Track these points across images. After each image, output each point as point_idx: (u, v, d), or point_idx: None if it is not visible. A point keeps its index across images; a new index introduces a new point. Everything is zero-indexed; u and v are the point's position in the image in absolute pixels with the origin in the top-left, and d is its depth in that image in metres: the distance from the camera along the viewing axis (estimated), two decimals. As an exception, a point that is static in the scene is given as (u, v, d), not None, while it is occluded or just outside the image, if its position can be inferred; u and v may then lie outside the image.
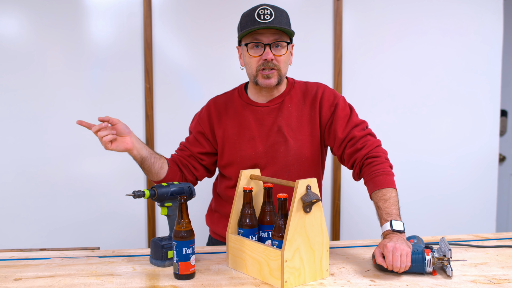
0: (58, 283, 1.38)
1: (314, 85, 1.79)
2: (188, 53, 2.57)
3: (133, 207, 2.56)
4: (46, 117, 2.48)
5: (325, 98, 1.73)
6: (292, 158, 1.72)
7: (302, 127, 1.73)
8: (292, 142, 1.72)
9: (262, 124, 1.74)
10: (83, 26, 2.47)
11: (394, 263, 1.38)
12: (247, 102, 1.76)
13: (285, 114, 1.73)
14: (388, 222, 1.49)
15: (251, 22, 1.61)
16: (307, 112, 1.74)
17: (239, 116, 1.75)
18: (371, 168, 1.61)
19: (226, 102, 1.80)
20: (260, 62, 1.64)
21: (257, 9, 1.61)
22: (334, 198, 2.69)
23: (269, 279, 1.37)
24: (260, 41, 1.62)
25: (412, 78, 2.71)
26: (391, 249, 1.39)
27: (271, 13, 1.60)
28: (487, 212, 2.84)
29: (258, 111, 1.74)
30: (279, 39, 1.63)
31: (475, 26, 2.73)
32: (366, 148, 1.65)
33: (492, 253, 1.64)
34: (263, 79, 1.66)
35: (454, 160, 2.78)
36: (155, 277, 1.42)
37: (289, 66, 1.73)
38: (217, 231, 1.86)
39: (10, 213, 2.49)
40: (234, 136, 1.75)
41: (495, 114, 2.80)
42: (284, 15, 1.65)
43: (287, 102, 1.74)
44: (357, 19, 2.65)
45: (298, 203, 1.33)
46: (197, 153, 1.80)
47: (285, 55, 1.65)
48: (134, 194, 1.49)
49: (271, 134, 1.73)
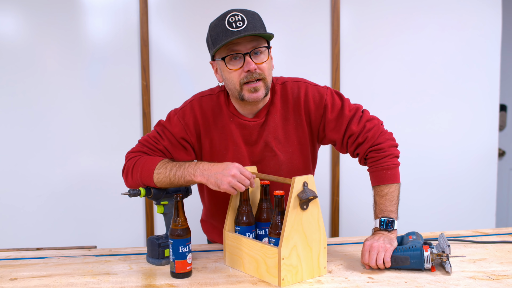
0: (54, 282, 1.37)
1: (294, 85, 1.61)
2: (185, 50, 2.56)
3: (131, 206, 2.55)
4: (41, 116, 2.46)
5: (310, 100, 1.59)
6: (284, 171, 1.63)
7: (289, 137, 1.62)
8: (282, 155, 1.62)
9: (249, 140, 1.61)
10: (79, 24, 2.46)
11: (370, 262, 1.43)
12: (234, 114, 1.60)
13: (271, 127, 1.60)
14: (378, 219, 1.51)
15: (223, 33, 1.44)
16: (292, 119, 1.61)
17: (226, 129, 1.60)
18: (373, 162, 1.56)
19: (213, 108, 1.61)
20: (243, 75, 1.46)
21: (227, 17, 1.45)
22: (333, 194, 2.68)
23: (266, 277, 1.36)
24: (237, 51, 1.46)
25: (410, 73, 2.69)
26: (367, 248, 1.45)
27: (242, 19, 1.44)
28: (486, 207, 2.83)
29: (245, 126, 1.60)
30: (258, 45, 1.47)
31: (473, 21, 2.71)
32: (367, 141, 1.56)
33: (491, 249, 1.63)
34: (249, 94, 1.48)
35: (453, 155, 2.76)
36: (151, 276, 1.42)
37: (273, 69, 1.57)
38: (214, 239, 1.83)
39: (7, 212, 2.48)
40: (222, 149, 1.61)
41: (494, 109, 2.78)
42: (256, 18, 1.48)
43: (272, 113, 1.60)
44: (354, 14, 2.63)
45: (295, 200, 1.32)
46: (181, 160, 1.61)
47: (267, 61, 1.49)
48: (130, 193, 1.48)
49: (258, 149, 1.61)
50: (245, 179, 1.41)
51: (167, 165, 1.50)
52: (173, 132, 1.59)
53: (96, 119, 2.50)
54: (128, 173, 1.57)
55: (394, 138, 1.61)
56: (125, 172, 1.59)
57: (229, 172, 1.40)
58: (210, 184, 1.42)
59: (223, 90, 1.63)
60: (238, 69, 1.47)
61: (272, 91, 1.61)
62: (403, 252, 1.43)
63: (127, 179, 1.58)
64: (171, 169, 1.48)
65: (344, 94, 1.68)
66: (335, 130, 1.59)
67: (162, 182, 1.49)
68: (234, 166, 1.41)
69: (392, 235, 1.48)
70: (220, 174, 1.40)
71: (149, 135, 1.63)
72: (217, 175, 1.40)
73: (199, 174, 1.44)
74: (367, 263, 1.44)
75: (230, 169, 1.40)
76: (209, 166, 1.44)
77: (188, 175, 1.46)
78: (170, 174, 1.48)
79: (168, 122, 1.62)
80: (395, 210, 1.52)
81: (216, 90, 1.65)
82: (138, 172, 1.53)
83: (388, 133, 1.61)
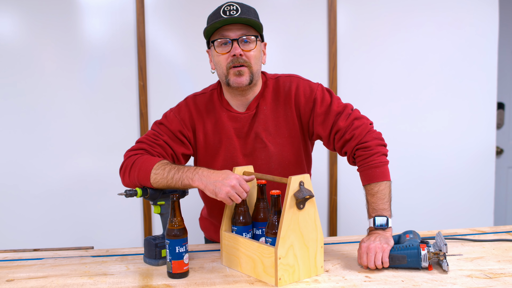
0: (50, 283, 1.37)
1: (287, 79, 1.67)
2: (182, 49, 2.55)
3: (128, 206, 2.54)
4: (39, 116, 2.46)
5: (300, 94, 1.63)
6: (275, 163, 1.66)
7: (279, 129, 1.65)
8: (272, 146, 1.65)
9: (240, 132, 1.65)
10: (76, 24, 2.45)
11: (368, 263, 1.42)
12: (227, 108, 1.66)
13: (261, 118, 1.64)
14: (372, 218, 1.50)
15: (216, 17, 1.55)
16: (282, 112, 1.65)
17: (219, 123, 1.66)
18: (361, 161, 1.55)
19: (206, 104, 1.68)
20: (229, 59, 1.54)
21: (223, 7, 1.55)
22: (330, 193, 2.68)
23: (263, 276, 1.36)
24: (227, 36, 1.54)
25: (407, 71, 2.69)
26: (365, 250, 1.44)
27: (237, 8, 1.54)
28: (484, 205, 2.83)
29: (237, 119, 1.65)
30: (247, 33, 1.55)
31: (470, 19, 2.71)
32: (354, 139, 1.56)
33: (488, 247, 1.63)
34: (234, 77, 1.55)
35: (451, 154, 2.76)
36: (148, 276, 1.41)
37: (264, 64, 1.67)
38: (211, 237, 1.84)
39: (4, 213, 2.48)
40: (216, 143, 1.66)
41: (492, 107, 2.79)
42: (251, 11, 1.58)
43: (261, 105, 1.65)
44: (351, 13, 2.63)
45: (291, 199, 1.32)
46: (180, 153, 1.66)
47: (255, 49, 1.56)
48: (126, 194, 1.47)
49: (248, 141, 1.65)
50: (243, 191, 1.41)
51: (166, 166, 1.49)
52: (170, 127, 1.64)
53: (93, 120, 2.50)
54: (125, 172, 1.57)
55: (382, 138, 1.61)
56: (123, 171, 1.58)
57: (229, 182, 1.39)
58: (208, 191, 1.41)
59: (215, 88, 1.70)
60: (225, 54, 1.55)
61: (264, 85, 1.67)
62: (400, 251, 1.43)
63: (124, 178, 1.58)
64: (170, 171, 1.48)
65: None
66: (323, 124, 1.62)
67: (158, 183, 1.48)
68: (234, 178, 1.41)
69: (387, 233, 1.48)
70: (219, 183, 1.40)
71: (147, 133, 1.66)
72: (216, 183, 1.40)
73: (197, 179, 1.43)
74: (365, 265, 1.43)
75: (230, 180, 1.40)
76: (208, 173, 1.44)
77: (186, 179, 1.45)
78: (168, 176, 1.47)
79: (165, 119, 1.67)
80: (387, 208, 1.51)
81: (209, 88, 1.73)
82: (135, 171, 1.52)
83: (376, 133, 1.60)
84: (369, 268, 1.44)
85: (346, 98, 1.85)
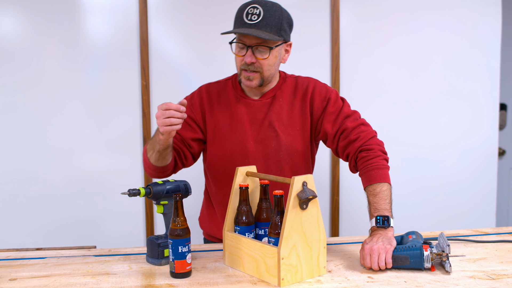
0: (53, 283, 1.37)
1: (305, 79, 1.77)
2: (185, 49, 2.55)
3: (131, 206, 2.55)
4: (42, 116, 2.46)
5: (316, 92, 1.72)
6: (284, 152, 1.72)
7: (293, 121, 1.72)
8: (283, 136, 1.71)
9: (254, 118, 1.72)
10: (79, 24, 2.46)
11: (372, 265, 1.42)
12: (241, 95, 1.74)
13: (276, 108, 1.72)
14: (374, 218, 1.51)
15: (238, 21, 1.60)
16: (298, 107, 1.72)
17: (231, 108, 1.73)
18: (364, 163, 1.60)
19: (219, 91, 1.76)
20: (243, 62, 1.62)
21: (248, 7, 1.58)
22: (333, 194, 2.68)
23: (266, 276, 1.36)
24: (243, 42, 1.60)
25: (410, 73, 2.69)
26: (368, 251, 1.43)
27: (259, 13, 1.56)
28: (487, 206, 2.82)
29: (251, 105, 1.72)
30: (262, 43, 1.58)
31: (473, 20, 2.71)
32: (359, 140, 1.64)
33: (491, 248, 1.63)
34: (244, 80, 1.65)
35: (453, 155, 2.76)
36: (151, 276, 1.41)
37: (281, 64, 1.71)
38: (212, 233, 1.85)
39: (7, 213, 2.48)
40: (226, 127, 1.72)
41: (494, 108, 2.78)
42: (275, 16, 1.57)
43: (278, 96, 1.73)
44: (354, 14, 2.63)
45: (294, 200, 1.32)
46: (189, 139, 1.73)
47: (268, 58, 1.60)
48: (130, 193, 1.48)
49: (262, 128, 1.71)
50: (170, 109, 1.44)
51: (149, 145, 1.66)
52: None
53: (95, 119, 2.50)
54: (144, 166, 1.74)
55: (384, 148, 1.67)
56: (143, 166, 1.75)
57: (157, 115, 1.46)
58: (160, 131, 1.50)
59: (230, 78, 1.80)
60: (241, 56, 1.62)
61: (282, 80, 1.76)
62: (403, 251, 1.43)
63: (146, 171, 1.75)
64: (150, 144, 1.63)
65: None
66: (331, 122, 1.69)
67: (154, 158, 1.63)
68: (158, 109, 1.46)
69: (390, 233, 1.47)
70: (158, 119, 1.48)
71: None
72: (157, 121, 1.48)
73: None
74: (369, 267, 1.43)
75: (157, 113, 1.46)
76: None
77: (156, 135, 1.57)
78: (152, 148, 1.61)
79: None
80: (389, 208, 1.52)
81: (224, 79, 1.82)
82: (145, 163, 1.71)
83: (379, 141, 1.67)
84: (372, 269, 1.44)
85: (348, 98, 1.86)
